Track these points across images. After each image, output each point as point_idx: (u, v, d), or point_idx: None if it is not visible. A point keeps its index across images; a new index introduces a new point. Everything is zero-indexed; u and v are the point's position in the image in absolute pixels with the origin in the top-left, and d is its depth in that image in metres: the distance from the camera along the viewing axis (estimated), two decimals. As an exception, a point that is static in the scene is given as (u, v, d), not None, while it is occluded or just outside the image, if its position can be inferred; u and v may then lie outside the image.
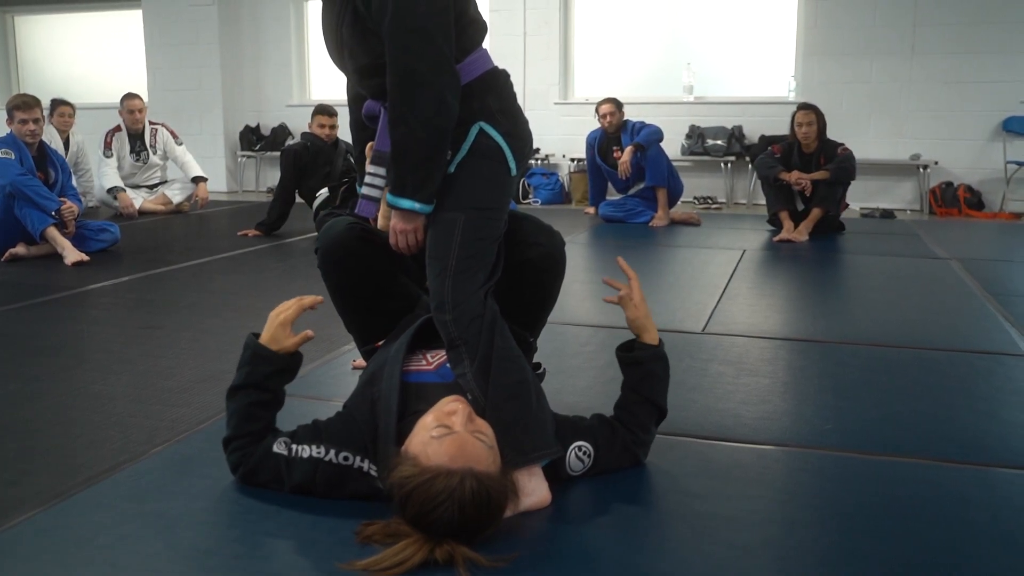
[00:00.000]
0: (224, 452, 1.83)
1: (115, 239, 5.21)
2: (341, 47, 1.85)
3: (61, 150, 6.63)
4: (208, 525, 1.68)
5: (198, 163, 7.38)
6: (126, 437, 2.17)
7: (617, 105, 6.51)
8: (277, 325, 1.82)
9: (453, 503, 1.44)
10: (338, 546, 1.56)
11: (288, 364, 1.84)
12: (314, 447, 1.72)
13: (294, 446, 1.74)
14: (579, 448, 1.81)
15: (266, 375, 1.81)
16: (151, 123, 7.24)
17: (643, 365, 1.95)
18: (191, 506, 1.75)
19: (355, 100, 2.02)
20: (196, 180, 7.18)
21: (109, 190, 6.98)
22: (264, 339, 1.82)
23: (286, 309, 1.83)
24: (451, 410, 1.61)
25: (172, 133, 7.31)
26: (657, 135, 6.40)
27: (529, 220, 1.99)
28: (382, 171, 1.88)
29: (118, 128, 7.15)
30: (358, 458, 1.70)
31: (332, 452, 1.71)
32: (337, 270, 2.02)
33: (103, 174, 7.03)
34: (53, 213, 4.84)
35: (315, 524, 1.66)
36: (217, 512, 1.73)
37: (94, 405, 2.47)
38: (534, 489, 1.70)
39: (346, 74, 1.94)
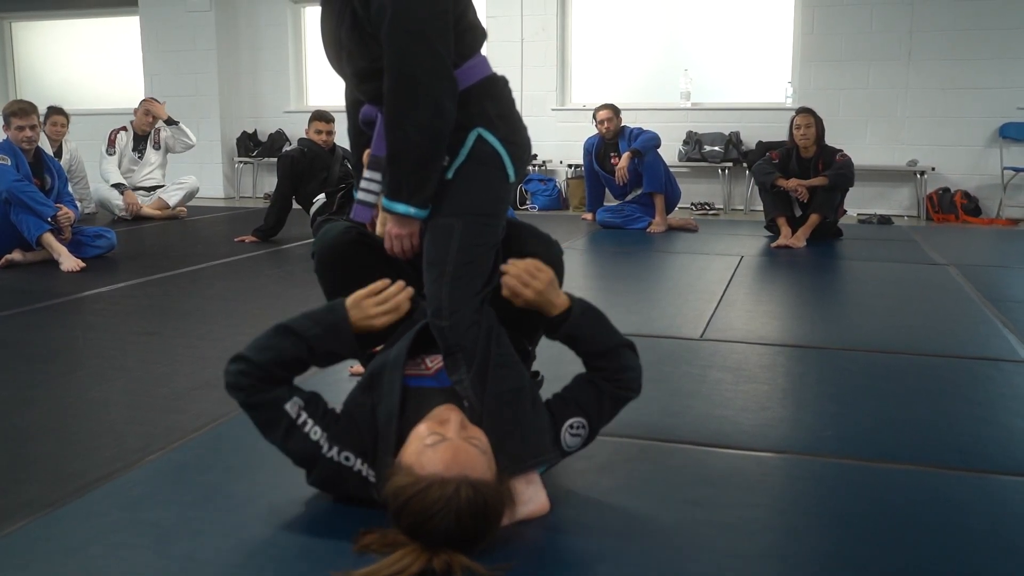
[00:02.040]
0: (230, 363, 1.71)
1: (111, 245, 5.20)
2: (340, 50, 1.85)
3: (53, 158, 6.65)
4: (202, 534, 1.67)
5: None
6: (120, 445, 2.16)
7: (615, 111, 6.51)
8: (366, 325, 1.74)
9: (449, 512, 1.43)
10: (334, 555, 1.54)
11: (353, 355, 1.83)
12: (321, 433, 1.69)
13: (304, 415, 1.69)
14: (571, 427, 1.79)
15: (330, 352, 1.76)
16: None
17: (575, 335, 1.85)
18: (185, 515, 1.74)
19: (353, 105, 2.01)
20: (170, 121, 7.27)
21: (114, 185, 7.07)
22: (353, 317, 1.74)
23: (384, 309, 1.75)
24: (443, 419, 1.60)
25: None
26: (654, 141, 6.39)
27: (526, 228, 1.98)
28: (378, 176, 1.87)
29: (124, 128, 7.27)
30: (359, 461, 1.69)
31: (335, 449, 1.69)
32: (333, 274, 2.01)
33: (105, 171, 7.13)
34: (49, 219, 4.83)
35: (311, 533, 1.65)
36: (212, 521, 1.72)
37: (89, 412, 2.46)
38: (532, 497, 1.69)
39: (344, 78, 1.93)
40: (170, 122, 7.23)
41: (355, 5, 1.75)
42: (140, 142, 7.30)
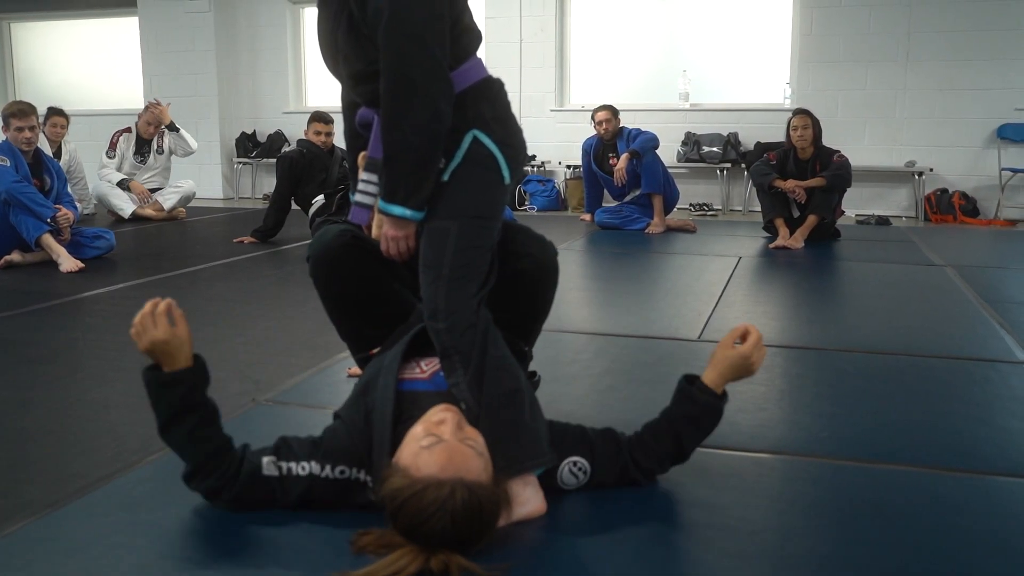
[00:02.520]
0: (188, 486, 1.71)
1: (110, 246, 5.20)
2: (336, 52, 1.85)
3: (52, 160, 6.65)
4: (202, 535, 1.67)
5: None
6: (120, 445, 2.16)
7: (613, 112, 6.52)
8: (162, 349, 1.63)
9: (445, 514, 1.43)
10: (332, 556, 1.55)
11: (199, 373, 1.68)
12: (312, 463, 1.69)
13: (284, 464, 1.68)
14: (574, 464, 1.79)
15: (186, 394, 1.66)
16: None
17: (695, 405, 1.83)
18: (185, 515, 1.74)
19: (350, 108, 2.02)
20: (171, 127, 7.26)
21: (119, 183, 7.10)
22: (161, 360, 1.64)
23: (150, 328, 1.63)
24: (440, 419, 1.61)
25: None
26: (653, 142, 6.40)
27: (522, 230, 1.99)
28: (375, 178, 1.87)
29: (127, 130, 7.26)
30: (355, 470, 1.69)
31: (328, 467, 1.69)
32: (328, 277, 2.01)
33: (103, 175, 7.14)
34: (48, 220, 4.83)
35: (309, 534, 1.65)
36: (211, 522, 1.72)
37: (88, 413, 2.46)
38: (529, 498, 1.70)
39: (340, 80, 1.94)
40: (172, 127, 7.22)
41: (352, 8, 1.76)
42: (143, 146, 7.30)
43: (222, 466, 1.68)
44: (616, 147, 6.51)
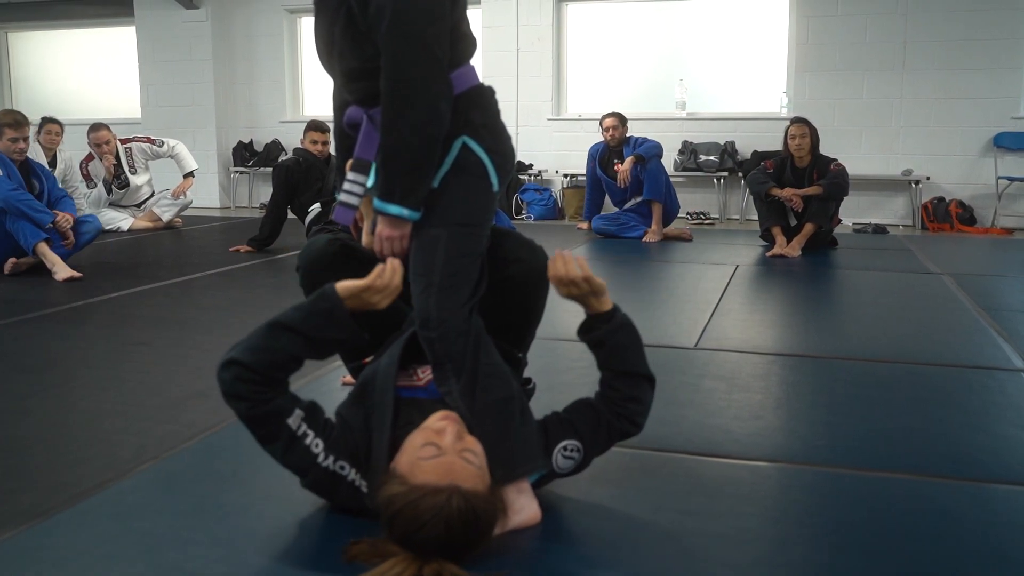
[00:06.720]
0: (222, 369, 1.66)
1: (97, 229, 5.22)
2: (332, 48, 1.85)
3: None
4: (193, 544, 1.66)
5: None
6: (112, 454, 2.15)
7: (621, 120, 6.59)
8: (374, 303, 1.71)
9: (440, 521, 1.42)
10: (325, 565, 1.54)
11: (357, 340, 1.74)
12: (319, 442, 1.68)
13: (304, 426, 1.68)
14: (564, 448, 1.78)
15: (329, 339, 1.72)
16: (122, 142, 7.13)
17: (605, 343, 1.85)
18: (176, 524, 1.73)
19: (341, 108, 2.01)
20: (186, 176, 7.19)
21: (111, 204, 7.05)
22: (350, 304, 1.70)
23: (390, 291, 1.71)
24: (440, 428, 1.59)
25: (148, 140, 7.22)
26: (657, 150, 6.47)
27: (511, 236, 1.98)
28: (361, 178, 1.86)
29: (90, 157, 7.09)
30: (353, 470, 1.69)
31: (331, 458, 1.69)
32: (318, 286, 2.00)
33: (95, 204, 7.04)
34: (48, 226, 4.81)
35: (301, 543, 1.65)
36: (203, 531, 1.71)
37: (81, 422, 2.45)
38: (523, 506, 1.69)
39: (333, 76, 1.93)
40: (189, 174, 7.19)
41: (351, 4, 1.75)
42: (114, 168, 7.09)
43: (265, 389, 1.66)
44: (622, 154, 6.57)
